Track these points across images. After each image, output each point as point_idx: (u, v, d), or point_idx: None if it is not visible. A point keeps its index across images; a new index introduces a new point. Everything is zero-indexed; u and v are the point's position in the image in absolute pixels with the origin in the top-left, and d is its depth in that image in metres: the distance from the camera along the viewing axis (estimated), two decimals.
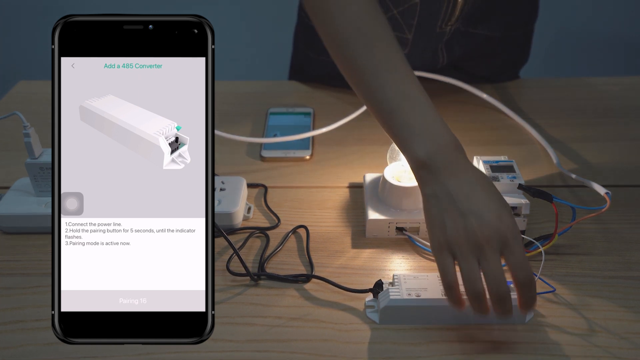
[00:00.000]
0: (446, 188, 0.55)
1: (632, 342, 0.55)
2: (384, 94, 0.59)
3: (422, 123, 0.58)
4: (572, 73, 2.11)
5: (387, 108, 0.59)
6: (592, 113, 0.96)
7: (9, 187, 0.74)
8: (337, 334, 0.56)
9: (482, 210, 0.53)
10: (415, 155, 0.57)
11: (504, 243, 0.52)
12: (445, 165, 0.56)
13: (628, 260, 0.65)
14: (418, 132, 0.57)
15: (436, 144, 0.57)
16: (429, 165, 0.56)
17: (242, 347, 0.55)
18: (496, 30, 0.97)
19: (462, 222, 0.53)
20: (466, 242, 0.52)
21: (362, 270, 0.64)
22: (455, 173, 0.55)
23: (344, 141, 0.88)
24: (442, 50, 0.95)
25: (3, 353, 0.54)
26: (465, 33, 0.95)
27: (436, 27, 0.90)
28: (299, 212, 0.73)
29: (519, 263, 0.52)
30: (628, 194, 0.76)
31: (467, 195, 0.54)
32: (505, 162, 0.69)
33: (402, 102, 0.59)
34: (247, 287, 0.62)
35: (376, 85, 0.60)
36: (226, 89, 1.05)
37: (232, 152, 0.86)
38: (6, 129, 0.92)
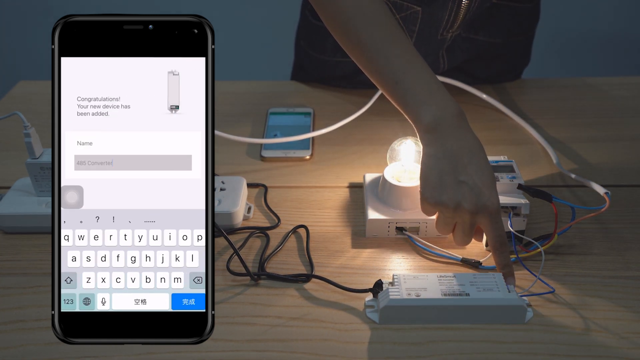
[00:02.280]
0: (448, 152, 0.60)
1: (632, 341, 0.55)
2: (389, 66, 0.63)
3: (428, 91, 0.62)
4: (572, 73, 2.11)
5: (392, 79, 0.63)
6: (592, 113, 0.96)
7: (9, 187, 0.74)
8: (337, 333, 0.56)
9: (476, 183, 0.59)
10: (423, 122, 0.61)
11: (488, 215, 0.60)
12: (450, 130, 0.61)
13: (627, 260, 0.65)
14: (424, 100, 0.61)
15: (442, 110, 0.61)
16: (435, 130, 0.61)
17: (242, 347, 0.55)
18: (497, 36, 0.97)
19: (456, 190, 0.60)
20: (454, 208, 0.60)
21: (362, 270, 0.64)
22: (458, 138, 0.61)
23: (344, 141, 0.88)
24: (443, 56, 0.96)
25: (3, 353, 0.54)
26: (467, 39, 0.95)
27: (437, 34, 0.91)
28: (299, 212, 0.73)
29: (498, 232, 0.60)
30: (628, 194, 0.76)
31: (465, 164, 0.60)
32: (505, 162, 0.69)
33: (406, 72, 0.62)
34: (247, 286, 0.62)
35: (380, 58, 0.63)
36: (226, 89, 1.05)
37: (232, 152, 0.86)
38: (6, 129, 0.92)
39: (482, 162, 0.60)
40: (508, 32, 0.97)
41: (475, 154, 0.61)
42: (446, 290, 0.57)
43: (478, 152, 0.61)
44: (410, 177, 0.69)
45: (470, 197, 0.59)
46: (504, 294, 0.56)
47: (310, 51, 1.04)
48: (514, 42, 1.00)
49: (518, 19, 0.97)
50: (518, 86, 1.05)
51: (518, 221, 0.65)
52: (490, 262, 0.64)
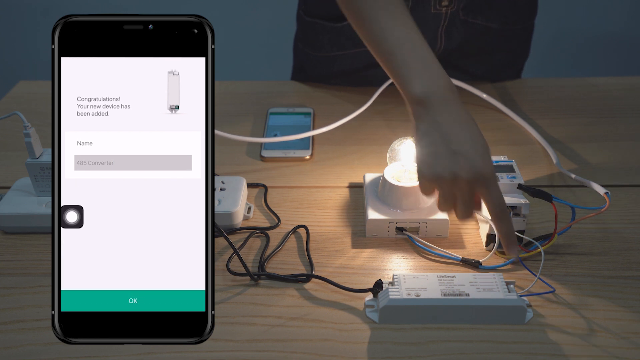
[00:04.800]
0: (439, 126, 0.61)
1: (632, 341, 0.55)
2: (385, 37, 0.65)
3: (421, 63, 0.63)
4: (572, 73, 2.11)
5: (388, 49, 0.65)
6: (592, 113, 0.96)
7: (9, 187, 0.74)
8: (337, 333, 0.56)
9: (469, 151, 0.59)
10: (413, 92, 0.62)
11: (485, 182, 0.59)
12: (439, 103, 0.61)
13: (627, 260, 0.65)
14: (417, 72, 0.63)
15: (433, 83, 0.62)
16: (425, 102, 0.62)
17: (242, 347, 0.55)
18: (495, 21, 0.98)
19: (451, 161, 0.59)
20: (451, 179, 0.60)
21: (361, 270, 0.64)
22: (448, 111, 0.61)
23: (344, 141, 0.88)
24: (441, 36, 0.96)
25: (3, 353, 0.54)
26: (465, 22, 0.96)
27: (430, 7, 0.92)
28: (299, 212, 0.73)
29: (497, 199, 0.60)
30: (627, 194, 0.76)
31: (457, 134, 0.60)
32: (505, 162, 0.69)
33: (402, 45, 0.64)
34: (247, 286, 0.62)
35: (378, 29, 0.65)
36: (226, 89, 1.05)
37: (232, 152, 0.86)
38: (6, 129, 0.92)
39: (474, 131, 0.61)
40: (505, 18, 0.98)
41: (467, 125, 0.61)
42: (446, 290, 0.57)
43: (469, 122, 0.61)
44: (410, 177, 0.69)
45: (466, 165, 0.59)
46: (504, 294, 0.56)
47: (308, 51, 1.04)
48: (512, 31, 1.01)
49: (515, 7, 0.98)
50: (518, 86, 1.05)
51: (518, 221, 0.65)
52: (490, 262, 0.64)
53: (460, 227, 0.70)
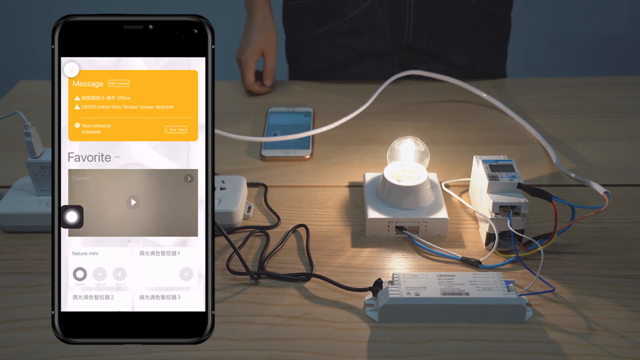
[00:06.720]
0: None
1: (631, 340, 0.55)
2: None
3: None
4: (572, 73, 2.11)
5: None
6: (592, 113, 0.96)
7: (9, 187, 0.74)
8: (337, 332, 0.56)
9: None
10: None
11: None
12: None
13: (627, 260, 0.65)
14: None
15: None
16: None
17: (242, 346, 0.55)
18: None
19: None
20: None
21: (361, 269, 0.64)
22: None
23: (344, 141, 0.88)
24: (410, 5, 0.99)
25: (4, 351, 0.55)
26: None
27: None
28: (299, 211, 0.74)
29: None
30: (627, 193, 0.76)
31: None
32: (505, 162, 0.69)
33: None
34: (247, 286, 0.62)
35: None
36: (226, 89, 1.05)
37: (232, 152, 0.86)
38: (6, 128, 0.92)
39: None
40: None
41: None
42: (446, 290, 0.57)
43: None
44: (410, 176, 0.69)
45: None
46: (504, 293, 0.56)
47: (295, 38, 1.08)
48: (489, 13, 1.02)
49: None
50: (518, 86, 1.05)
51: (518, 220, 0.65)
52: (490, 261, 0.64)
53: (460, 226, 0.70)
